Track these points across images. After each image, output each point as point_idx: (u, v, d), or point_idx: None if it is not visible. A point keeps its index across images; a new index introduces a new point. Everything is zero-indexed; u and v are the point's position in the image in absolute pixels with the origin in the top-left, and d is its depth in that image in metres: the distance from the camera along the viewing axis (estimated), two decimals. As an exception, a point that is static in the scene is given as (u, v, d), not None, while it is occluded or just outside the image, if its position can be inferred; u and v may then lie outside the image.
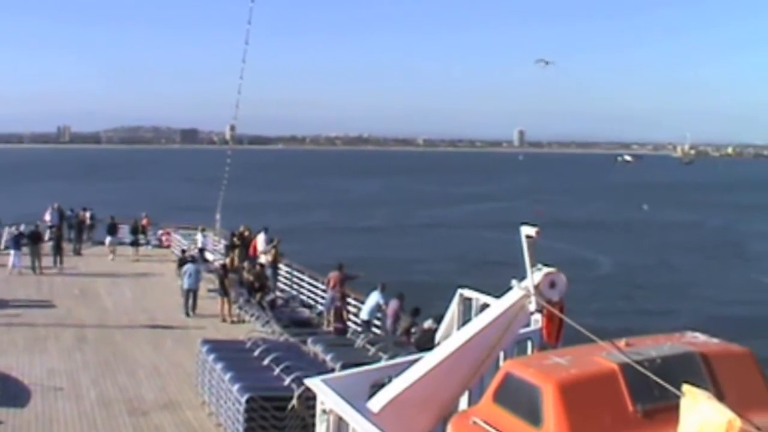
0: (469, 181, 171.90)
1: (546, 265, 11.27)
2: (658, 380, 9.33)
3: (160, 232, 48.65)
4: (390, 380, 12.14)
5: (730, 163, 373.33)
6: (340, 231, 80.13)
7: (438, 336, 14.15)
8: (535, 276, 11.11)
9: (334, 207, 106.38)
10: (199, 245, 42.23)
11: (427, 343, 16.85)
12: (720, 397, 9.12)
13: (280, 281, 35.04)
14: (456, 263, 58.04)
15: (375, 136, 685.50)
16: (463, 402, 12.39)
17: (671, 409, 8.94)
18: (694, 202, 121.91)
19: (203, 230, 44.16)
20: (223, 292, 29.83)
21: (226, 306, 29.64)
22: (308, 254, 41.27)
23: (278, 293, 32.95)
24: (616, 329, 13.27)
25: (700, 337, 11.13)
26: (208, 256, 42.04)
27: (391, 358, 17.06)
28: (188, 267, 31.51)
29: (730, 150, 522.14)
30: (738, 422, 8.08)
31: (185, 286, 30.62)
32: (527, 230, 11.05)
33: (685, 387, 8.90)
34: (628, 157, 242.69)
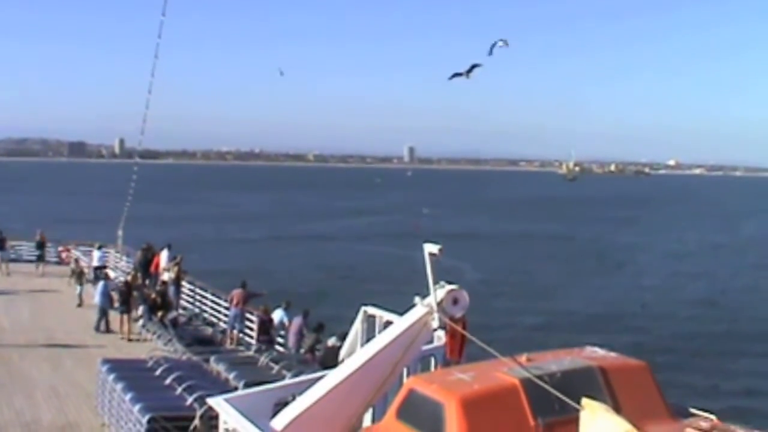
0: (357, 197, 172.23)
1: (449, 282, 11.28)
2: (559, 394, 9.39)
3: (60, 248, 47.42)
4: (294, 398, 12.02)
5: (612, 179, 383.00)
6: (228, 243, 79.26)
7: (342, 353, 14.05)
8: (438, 293, 11.09)
9: (223, 221, 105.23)
10: (95, 263, 40.88)
11: (331, 360, 16.75)
12: (618, 409, 9.23)
13: (183, 299, 34.43)
14: (333, 274, 58.19)
15: (266, 152, 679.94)
16: (367, 419, 12.29)
17: (571, 422, 9.00)
18: (570, 216, 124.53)
19: (100, 247, 43.03)
20: (125, 309, 29.18)
21: (126, 324, 29.00)
22: (198, 266, 40.46)
23: (181, 311, 32.37)
24: (515, 345, 13.29)
25: (599, 352, 11.28)
26: (110, 273, 41.05)
27: (295, 375, 16.85)
28: (100, 285, 30.82)
29: (613, 167, 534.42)
30: (635, 433, 8.15)
31: (99, 304, 29.88)
32: (430, 248, 11.02)
33: (585, 400, 8.98)
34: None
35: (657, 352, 30.31)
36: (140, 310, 29.96)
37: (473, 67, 19.64)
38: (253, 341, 27.07)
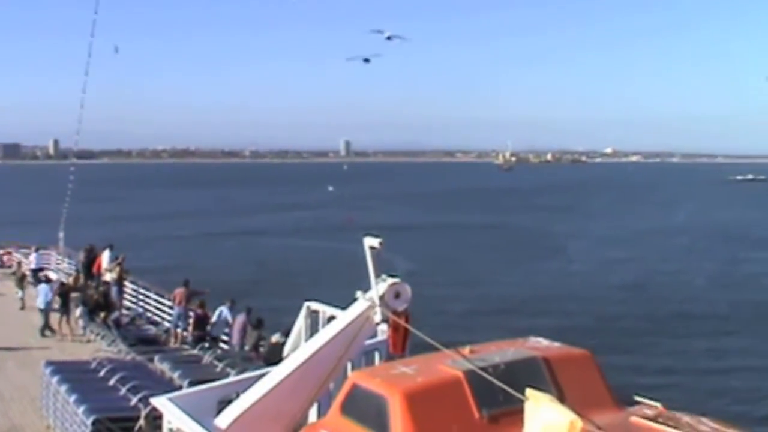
0: (293, 191, 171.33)
1: (390, 275, 11.16)
2: (503, 386, 9.29)
3: (1, 251, 46.46)
4: (238, 396, 11.83)
5: (549, 168, 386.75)
6: (166, 241, 78.24)
7: (286, 349, 13.84)
8: (380, 287, 10.97)
9: (160, 219, 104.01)
10: (33, 265, 40.00)
11: (275, 356, 16.55)
12: (562, 399, 9.16)
13: (126, 299, 33.89)
14: (272, 269, 57.85)
15: (202, 149, 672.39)
16: (313, 414, 12.13)
17: (516, 413, 8.92)
18: (506, 205, 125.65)
19: (38, 249, 42.12)
20: (64, 310, 28.67)
21: (66, 324, 28.50)
22: (137, 264, 39.83)
23: (124, 311, 31.87)
24: (455, 335, 13.22)
25: (543, 342, 11.21)
26: (51, 275, 40.23)
27: (239, 373, 16.63)
28: (42, 287, 30.23)
29: (549, 156, 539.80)
30: (579, 423, 8.10)
31: (41, 307, 29.30)
32: (371, 241, 10.88)
33: (529, 391, 8.90)
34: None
35: (593, 336, 30.47)
36: (78, 311, 29.42)
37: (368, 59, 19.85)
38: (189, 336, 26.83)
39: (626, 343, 34.30)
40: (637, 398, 10.27)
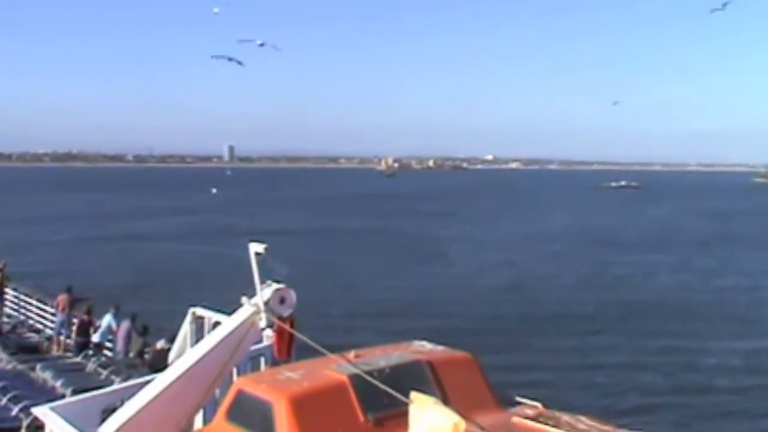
0: (176, 196, 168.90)
1: (275, 281, 11.15)
2: (387, 389, 9.38)
3: None
4: (122, 403, 11.61)
5: (431, 174, 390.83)
6: (46, 246, 75.72)
7: (171, 356, 13.65)
8: (265, 292, 10.95)
9: (37, 223, 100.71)
10: None
11: (160, 363, 16.29)
12: (446, 401, 9.30)
13: (7, 306, 32.74)
14: (155, 275, 56.76)
15: (84, 153, 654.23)
16: (198, 421, 12.01)
17: (401, 416, 9.01)
18: (387, 210, 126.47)
19: None
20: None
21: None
22: (16, 269, 38.61)
23: (5, 319, 30.81)
24: (340, 340, 13.29)
25: (427, 346, 11.38)
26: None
27: (124, 380, 16.33)
28: None
29: (431, 163, 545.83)
30: (463, 424, 8.24)
31: None
32: (256, 247, 10.86)
33: (413, 394, 9.00)
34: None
35: (473, 338, 30.64)
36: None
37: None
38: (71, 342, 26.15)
39: (505, 344, 34.92)
40: (518, 399, 10.54)
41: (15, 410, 15.52)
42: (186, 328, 13.68)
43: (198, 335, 13.32)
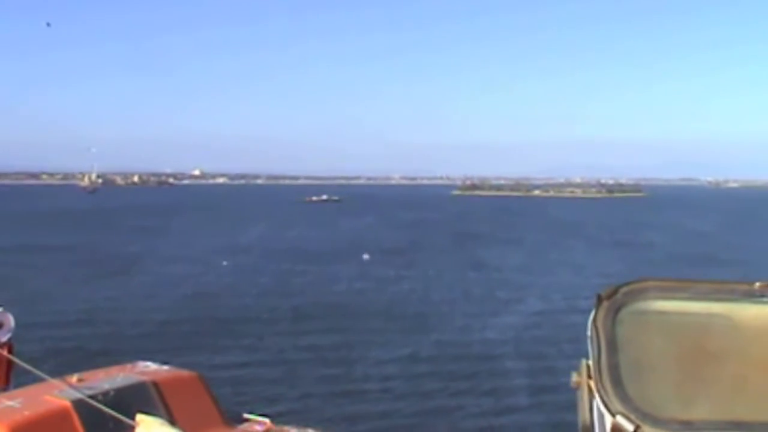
0: None
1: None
2: (112, 412, 8.94)
3: None
4: None
5: (135, 190, 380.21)
6: None
7: None
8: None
9: None
10: None
11: None
12: (173, 422, 8.99)
13: None
14: None
15: None
16: None
17: (127, 439, 8.59)
18: (86, 226, 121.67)
19: None
20: None
21: None
22: None
23: None
24: (62, 364, 12.53)
25: (151, 366, 10.97)
26: None
27: None
28: None
29: (136, 178, 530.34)
30: (191, 445, 8.00)
31: None
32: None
33: (139, 416, 8.62)
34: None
35: (191, 355, 30.35)
36: None
37: None
38: None
39: (220, 361, 34.43)
40: (247, 416, 10.40)
41: None
42: None
43: None
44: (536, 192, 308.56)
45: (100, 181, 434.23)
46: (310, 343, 38.63)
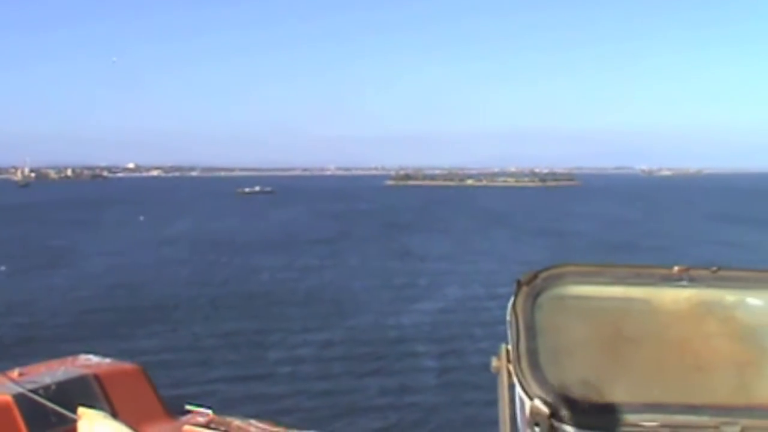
0: None
1: None
2: (54, 406, 8.83)
3: None
4: None
5: (68, 184, 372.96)
6: None
7: None
8: None
9: None
10: None
11: None
12: (115, 414, 8.93)
13: None
14: None
15: None
16: None
17: (70, 432, 8.50)
18: (17, 220, 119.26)
19: None
20: None
21: None
22: None
23: None
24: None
25: (93, 359, 10.85)
26: None
27: None
28: None
29: (69, 172, 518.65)
30: (134, 437, 7.93)
31: None
32: None
33: (81, 409, 8.51)
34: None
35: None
36: None
37: None
38: None
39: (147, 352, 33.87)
40: (188, 407, 10.33)
41: None
42: None
43: None
44: (469, 181, 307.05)
45: (32, 175, 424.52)
46: (227, 330, 38.58)
